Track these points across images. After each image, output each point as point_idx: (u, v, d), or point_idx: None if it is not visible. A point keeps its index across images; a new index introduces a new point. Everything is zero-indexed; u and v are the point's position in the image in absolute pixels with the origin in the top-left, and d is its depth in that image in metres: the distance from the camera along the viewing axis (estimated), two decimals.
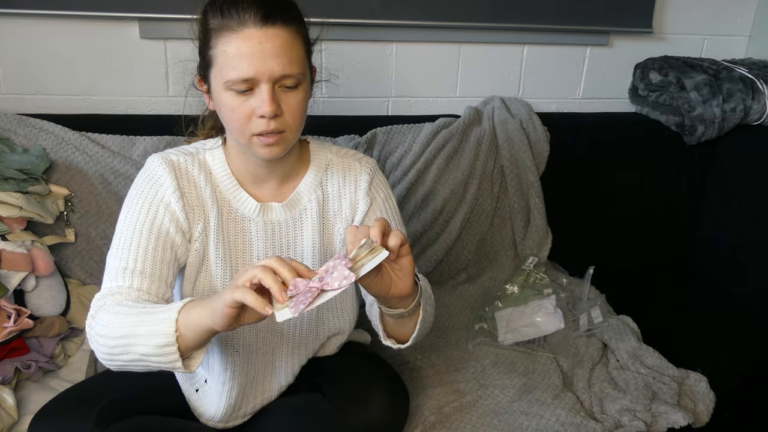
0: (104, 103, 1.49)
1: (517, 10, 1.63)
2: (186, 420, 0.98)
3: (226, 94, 0.85)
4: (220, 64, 0.84)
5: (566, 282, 1.47)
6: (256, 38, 0.82)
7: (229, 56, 0.83)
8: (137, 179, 0.94)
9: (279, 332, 1.00)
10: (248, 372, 0.99)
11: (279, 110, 0.84)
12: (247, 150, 0.90)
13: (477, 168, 1.58)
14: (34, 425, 0.91)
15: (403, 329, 0.94)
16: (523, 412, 1.09)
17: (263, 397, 1.03)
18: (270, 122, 0.84)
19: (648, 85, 1.75)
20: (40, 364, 1.14)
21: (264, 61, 0.82)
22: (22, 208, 1.22)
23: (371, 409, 0.94)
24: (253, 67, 0.82)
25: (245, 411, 1.02)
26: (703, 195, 1.74)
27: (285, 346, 1.01)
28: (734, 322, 1.46)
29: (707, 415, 1.14)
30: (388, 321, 0.94)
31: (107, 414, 0.89)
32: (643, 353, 1.25)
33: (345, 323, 1.06)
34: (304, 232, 0.98)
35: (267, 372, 1.02)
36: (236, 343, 0.97)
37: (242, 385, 0.99)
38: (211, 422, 1.00)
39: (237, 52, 0.82)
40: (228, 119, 0.87)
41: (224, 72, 0.84)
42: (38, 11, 1.38)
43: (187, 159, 0.94)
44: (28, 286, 1.20)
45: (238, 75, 0.82)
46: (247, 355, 0.99)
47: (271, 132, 0.85)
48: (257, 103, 0.84)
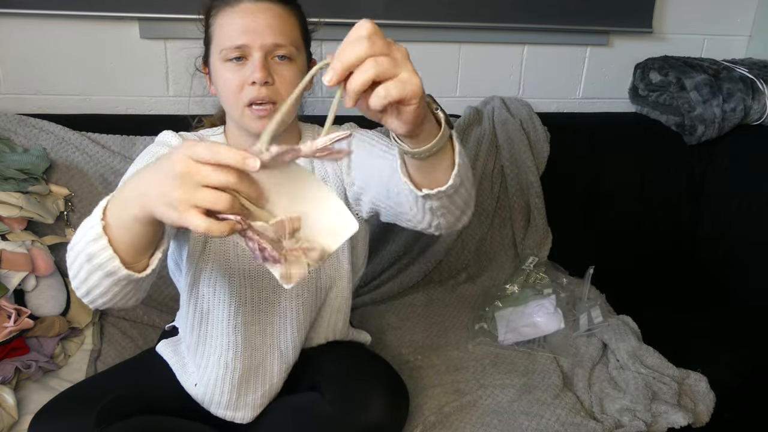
0: (104, 103, 1.49)
1: (517, 10, 1.63)
2: (187, 420, 0.98)
3: (222, 67, 0.91)
4: (217, 37, 0.92)
5: (566, 282, 1.47)
6: (250, 11, 0.89)
7: (225, 28, 0.90)
8: (147, 148, 0.98)
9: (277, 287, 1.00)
10: (248, 344, 0.99)
11: (270, 79, 0.89)
12: (242, 125, 0.93)
13: (477, 168, 1.58)
14: (35, 425, 0.91)
15: (432, 175, 0.72)
16: (523, 412, 1.09)
17: (270, 383, 1.02)
18: (261, 89, 0.88)
19: (648, 85, 1.75)
20: (40, 364, 1.14)
21: (256, 29, 0.88)
22: (22, 208, 1.22)
23: (371, 409, 0.94)
24: (246, 35, 0.88)
25: (254, 399, 1.01)
26: (703, 195, 1.74)
27: (285, 301, 1.01)
28: (734, 322, 1.46)
29: (707, 415, 1.14)
30: (411, 169, 0.74)
31: (108, 414, 0.89)
32: (643, 353, 1.25)
33: (343, 271, 1.05)
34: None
35: (267, 346, 1.01)
36: (235, 310, 0.97)
37: (246, 366, 0.99)
38: (220, 412, 1.00)
39: (232, 22, 0.89)
40: (223, 91, 0.92)
41: (220, 42, 0.91)
42: (38, 11, 1.38)
43: (195, 137, 1.00)
44: (28, 286, 1.20)
45: (231, 42, 0.89)
46: (247, 322, 0.99)
47: (263, 100, 0.89)
48: (249, 71, 0.89)
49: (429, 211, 0.78)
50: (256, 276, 0.98)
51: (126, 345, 1.28)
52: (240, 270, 0.97)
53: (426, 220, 0.80)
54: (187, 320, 1.03)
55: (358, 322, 1.22)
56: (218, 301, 0.98)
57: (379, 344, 1.30)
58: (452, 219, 0.80)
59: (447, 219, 0.79)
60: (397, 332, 1.35)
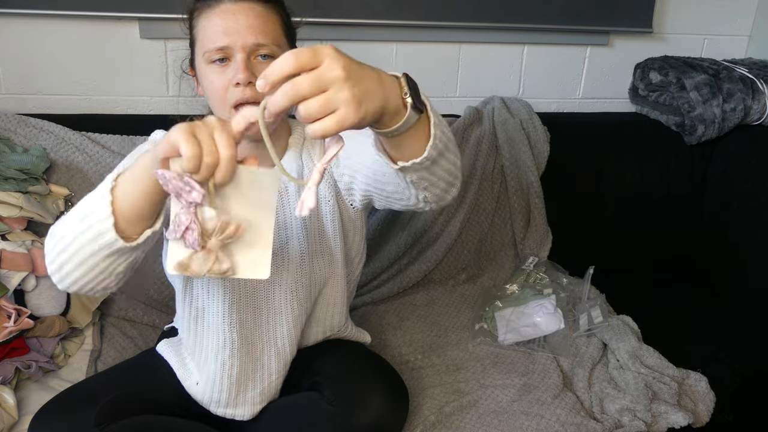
0: (104, 103, 1.49)
1: (517, 10, 1.63)
2: (187, 419, 0.98)
3: (207, 69, 0.91)
4: (200, 40, 0.92)
5: (566, 282, 1.47)
6: (230, 11, 0.90)
7: (207, 30, 0.91)
8: (139, 145, 1.00)
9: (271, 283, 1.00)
10: (245, 341, 0.99)
11: (254, 79, 0.89)
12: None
13: (477, 168, 1.58)
14: (35, 424, 0.91)
15: (407, 149, 0.70)
16: (523, 412, 1.09)
17: (269, 380, 1.02)
18: (245, 90, 0.89)
19: (648, 85, 1.75)
20: (40, 364, 1.14)
21: (238, 30, 0.89)
22: (23, 208, 1.22)
23: (371, 409, 0.94)
24: (227, 36, 0.89)
25: (252, 395, 1.01)
26: (703, 195, 1.74)
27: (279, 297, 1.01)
28: (734, 322, 1.46)
29: (707, 415, 1.14)
30: (385, 145, 0.71)
31: (108, 413, 0.89)
32: (643, 353, 1.25)
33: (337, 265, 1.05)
34: (288, 204, 1.00)
35: (264, 342, 1.01)
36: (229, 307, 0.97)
37: (243, 362, 0.99)
38: (220, 410, 1.01)
39: (213, 25, 0.90)
40: (209, 93, 0.93)
41: (203, 45, 0.91)
42: (38, 11, 1.38)
43: None
44: (28, 286, 1.20)
45: (213, 44, 0.89)
46: (242, 319, 0.99)
47: (248, 101, 0.89)
48: (232, 72, 0.89)
49: (411, 185, 0.76)
50: None
51: (126, 345, 1.28)
52: None
53: (413, 195, 0.80)
54: (183, 319, 1.03)
55: (358, 322, 1.21)
56: (213, 299, 0.98)
57: (379, 344, 1.30)
58: (438, 191, 0.79)
59: (432, 192, 0.79)
60: (397, 332, 1.35)
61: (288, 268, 0.99)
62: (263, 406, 1.03)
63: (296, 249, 1.00)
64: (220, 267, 0.64)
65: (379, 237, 1.55)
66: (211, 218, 0.61)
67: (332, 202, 1.01)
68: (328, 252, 1.03)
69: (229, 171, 0.59)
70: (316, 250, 1.02)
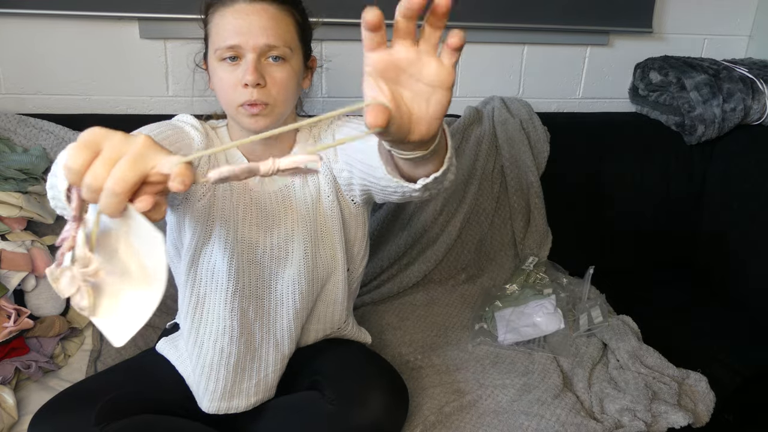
0: (104, 103, 1.49)
1: (517, 10, 1.63)
2: (187, 419, 0.98)
3: (218, 66, 0.92)
4: (213, 36, 0.93)
5: (566, 282, 1.47)
6: (244, 11, 0.90)
7: (220, 27, 0.91)
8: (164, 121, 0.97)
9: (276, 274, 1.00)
10: (244, 330, 1.00)
11: (262, 81, 0.90)
12: (237, 122, 0.96)
13: (477, 168, 1.58)
14: (35, 424, 0.91)
15: (419, 171, 0.70)
16: (523, 412, 1.09)
17: (266, 373, 1.02)
18: (253, 92, 0.89)
19: (648, 85, 1.75)
20: (40, 364, 1.14)
21: (250, 30, 0.89)
22: (22, 208, 1.22)
23: (371, 409, 0.94)
24: (239, 36, 0.89)
25: (248, 386, 1.01)
26: (703, 195, 1.74)
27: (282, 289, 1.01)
28: (734, 322, 1.46)
29: (707, 415, 1.14)
30: (399, 163, 0.71)
31: (108, 412, 0.89)
32: (643, 353, 1.25)
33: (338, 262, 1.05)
34: (295, 203, 1.01)
35: (263, 333, 1.02)
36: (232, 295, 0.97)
37: (241, 352, 0.99)
38: (215, 404, 1.00)
39: (226, 23, 0.90)
40: (218, 89, 0.94)
41: (215, 42, 0.92)
42: (38, 11, 1.38)
43: (205, 126, 1.01)
44: (28, 286, 1.20)
45: (224, 42, 0.90)
46: (244, 307, 0.99)
47: (255, 102, 0.90)
48: (242, 72, 0.90)
49: (424, 189, 0.74)
50: (254, 261, 0.98)
51: (126, 345, 1.27)
52: (239, 253, 0.97)
53: (410, 190, 0.77)
54: (183, 305, 1.03)
55: (358, 322, 1.22)
56: (216, 284, 0.98)
57: (379, 344, 1.30)
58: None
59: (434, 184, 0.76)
60: (397, 332, 1.35)
61: (291, 261, 1.00)
62: (258, 402, 1.03)
63: (299, 243, 1.00)
64: (80, 301, 0.54)
65: (379, 237, 1.55)
66: (81, 245, 0.52)
67: (332, 198, 1.01)
68: (330, 247, 1.03)
69: (110, 206, 0.47)
70: (319, 245, 1.02)
